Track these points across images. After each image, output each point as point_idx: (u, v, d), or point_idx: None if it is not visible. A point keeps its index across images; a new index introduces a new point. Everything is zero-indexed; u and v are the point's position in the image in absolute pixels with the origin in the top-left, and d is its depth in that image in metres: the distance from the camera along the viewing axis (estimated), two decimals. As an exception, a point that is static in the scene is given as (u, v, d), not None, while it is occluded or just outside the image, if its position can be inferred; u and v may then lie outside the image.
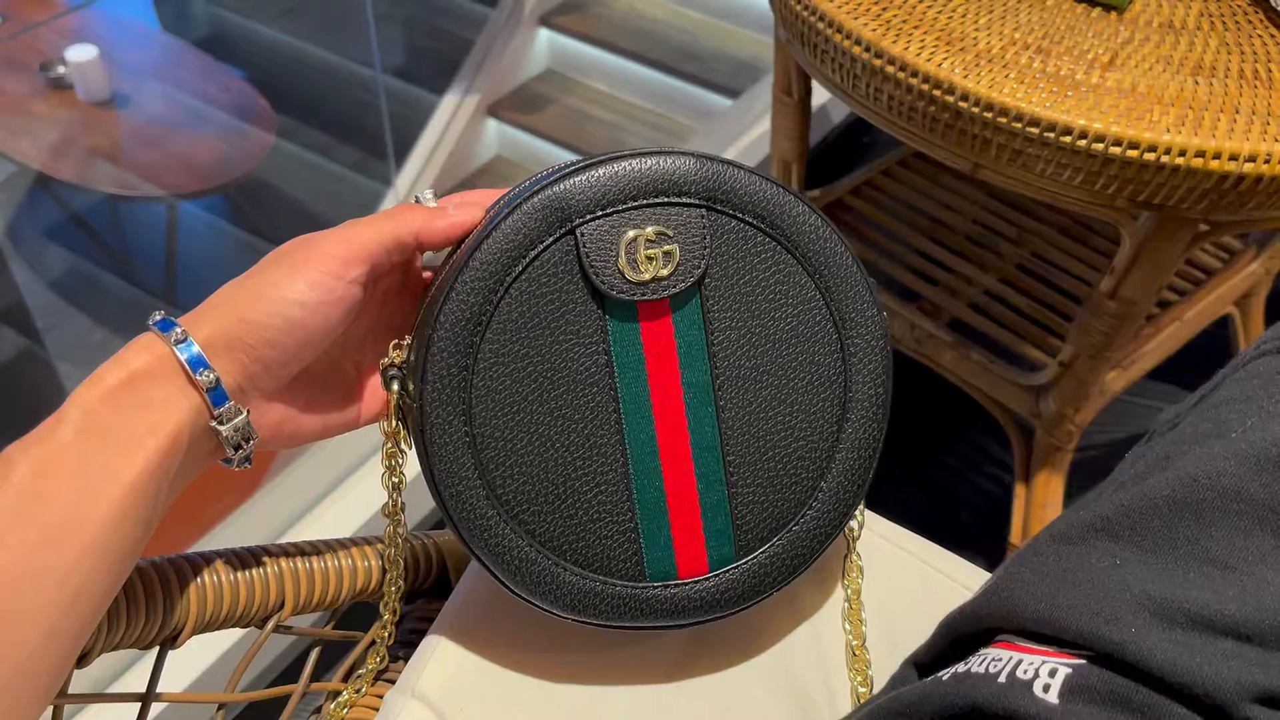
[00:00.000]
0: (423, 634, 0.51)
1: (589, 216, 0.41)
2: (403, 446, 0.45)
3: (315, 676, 0.52)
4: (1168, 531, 0.37)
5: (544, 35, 2.61)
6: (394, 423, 0.44)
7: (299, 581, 0.49)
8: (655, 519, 0.44)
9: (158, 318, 0.40)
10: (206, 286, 0.43)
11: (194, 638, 0.46)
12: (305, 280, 0.41)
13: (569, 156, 2.53)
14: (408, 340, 0.44)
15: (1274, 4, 0.76)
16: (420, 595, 0.56)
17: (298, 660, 1.10)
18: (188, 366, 0.39)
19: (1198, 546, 0.36)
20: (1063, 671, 0.36)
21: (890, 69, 0.74)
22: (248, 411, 0.41)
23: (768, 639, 0.51)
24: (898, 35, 0.74)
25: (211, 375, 0.40)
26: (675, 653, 0.50)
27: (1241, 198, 0.69)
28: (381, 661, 0.51)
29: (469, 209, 0.44)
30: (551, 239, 0.41)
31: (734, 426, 0.44)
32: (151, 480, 0.38)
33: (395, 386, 0.43)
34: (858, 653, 0.51)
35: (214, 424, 0.40)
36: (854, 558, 0.52)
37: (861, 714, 0.45)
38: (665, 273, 0.42)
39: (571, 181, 0.41)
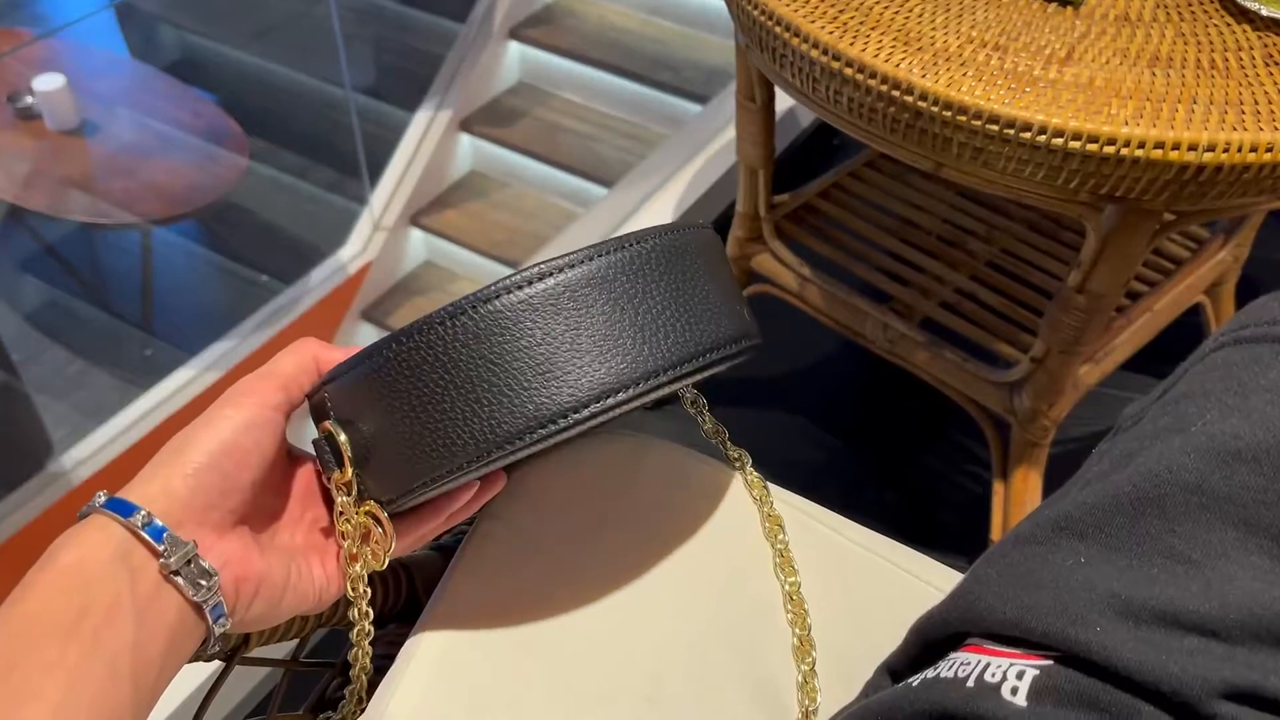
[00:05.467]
0: (392, 658, 0.50)
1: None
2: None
3: (286, 707, 0.51)
4: (1131, 528, 0.37)
5: (514, 49, 2.61)
6: (343, 494, 0.45)
7: (263, 611, 0.48)
8: None
9: (82, 510, 0.41)
10: (183, 312, 0.44)
11: (155, 674, 0.45)
12: (231, 407, 0.43)
13: (544, 169, 2.53)
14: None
15: (1241, 2, 0.76)
16: (390, 620, 0.55)
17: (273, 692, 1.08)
18: (117, 515, 0.39)
19: (1161, 543, 0.36)
20: (1030, 673, 0.36)
21: (848, 71, 0.73)
22: (193, 543, 0.41)
23: (738, 649, 0.51)
24: (855, 37, 0.74)
25: (142, 514, 0.40)
26: (646, 674, 0.50)
27: (1203, 187, 0.69)
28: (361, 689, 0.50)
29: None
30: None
31: None
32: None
33: (327, 454, 0.45)
34: (803, 641, 0.51)
35: (161, 560, 0.40)
36: (784, 550, 0.54)
37: (836, 723, 0.44)
38: None
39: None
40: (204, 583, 0.40)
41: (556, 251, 1.61)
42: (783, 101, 1.60)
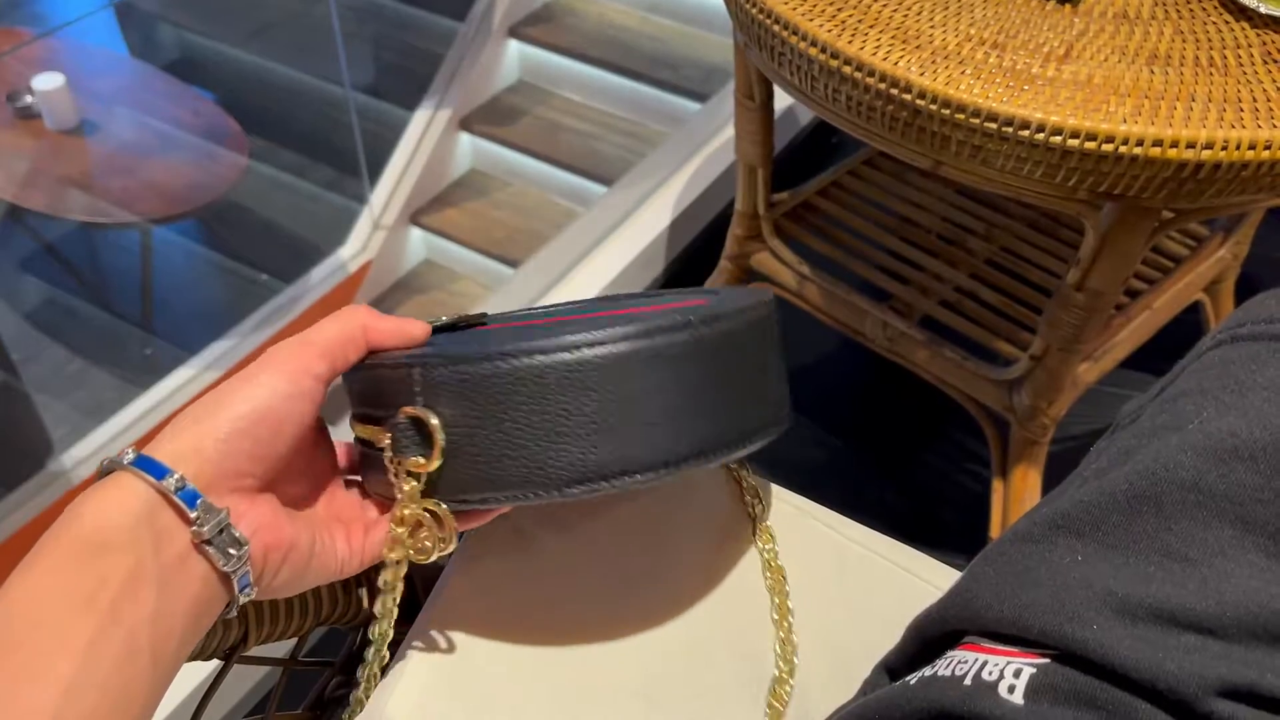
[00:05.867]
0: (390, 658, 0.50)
1: None
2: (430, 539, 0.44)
3: (284, 706, 0.51)
4: (1128, 526, 0.37)
5: (514, 47, 2.61)
6: (409, 484, 0.43)
7: (262, 610, 0.48)
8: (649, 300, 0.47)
9: (123, 456, 0.39)
10: (183, 311, 0.43)
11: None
12: (271, 373, 0.41)
13: (544, 168, 2.53)
14: (376, 434, 0.44)
15: (1244, 1, 0.76)
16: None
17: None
18: (147, 475, 0.37)
19: (1158, 540, 0.36)
20: (1027, 671, 0.36)
21: (847, 69, 0.73)
22: (227, 510, 0.39)
23: (736, 648, 0.51)
24: (853, 35, 0.74)
25: (175, 477, 0.38)
26: (644, 672, 0.50)
27: (1201, 185, 0.69)
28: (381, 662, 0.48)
29: (414, 321, 0.46)
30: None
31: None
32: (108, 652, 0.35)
33: (413, 412, 0.42)
34: (785, 638, 0.51)
35: (194, 527, 0.38)
36: (770, 546, 0.54)
37: (834, 721, 0.44)
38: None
39: None
40: (234, 552, 0.39)
41: (557, 250, 1.60)
42: (781, 100, 1.60)
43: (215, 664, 0.47)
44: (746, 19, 0.81)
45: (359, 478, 0.48)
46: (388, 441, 0.43)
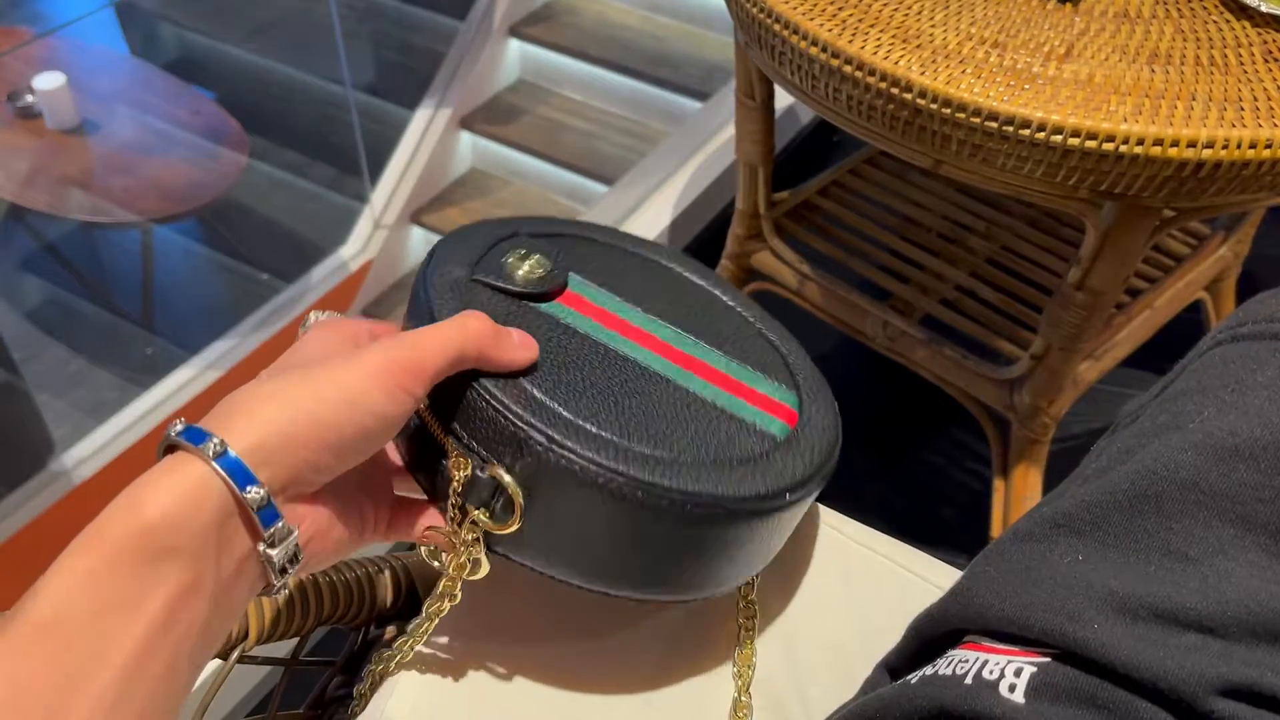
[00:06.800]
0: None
1: (472, 272, 0.48)
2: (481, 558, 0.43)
3: (285, 705, 0.51)
4: (1128, 525, 0.37)
5: (514, 46, 2.61)
6: (471, 534, 0.42)
7: (262, 610, 0.48)
8: (737, 405, 0.47)
9: (179, 427, 0.35)
10: (183, 310, 0.41)
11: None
12: (383, 392, 0.37)
13: (544, 167, 2.53)
14: (455, 455, 0.42)
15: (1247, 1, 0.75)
16: (389, 620, 0.55)
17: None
18: (231, 480, 0.34)
19: (1158, 540, 0.36)
20: (1028, 670, 0.36)
21: (848, 68, 0.73)
22: (296, 532, 0.36)
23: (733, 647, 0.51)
24: (854, 34, 0.74)
25: (261, 492, 0.34)
26: (643, 674, 0.50)
27: (1202, 184, 0.69)
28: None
29: (530, 347, 0.43)
30: (469, 294, 0.47)
31: (691, 330, 0.51)
32: (159, 649, 0.33)
33: (501, 472, 0.41)
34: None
35: (263, 547, 0.35)
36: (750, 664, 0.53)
37: (835, 719, 0.44)
38: (545, 271, 0.49)
39: (438, 264, 0.48)
40: (291, 569, 0.36)
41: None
42: (782, 99, 1.60)
43: (217, 663, 0.47)
44: (747, 18, 0.81)
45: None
46: (461, 477, 0.41)
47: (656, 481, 0.41)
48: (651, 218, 1.58)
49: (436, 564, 0.44)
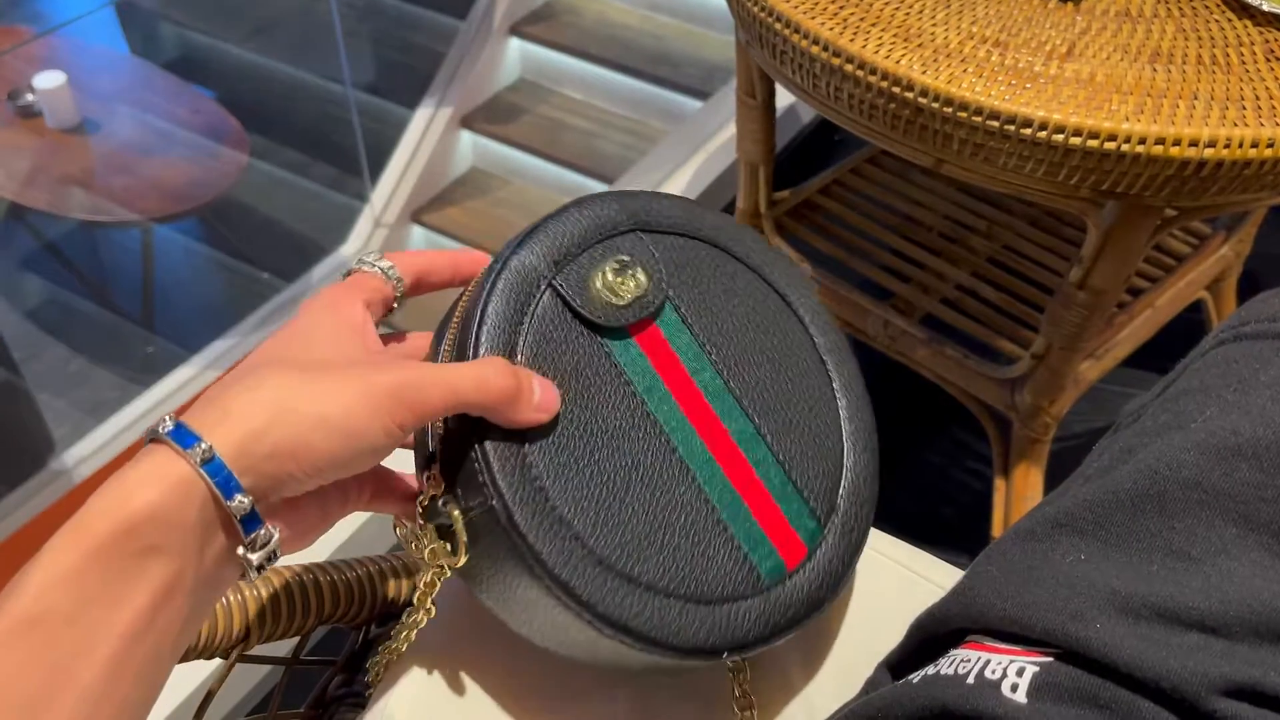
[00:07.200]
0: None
1: (556, 272, 0.43)
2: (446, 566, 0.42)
3: (286, 705, 0.51)
4: (1131, 525, 0.37)
5: (515, 45, 2.61)
6: (436, 549, 0.41)
7: (264, 609, 0.48)
8: (743, 522, 0.44)
9: (169, 425, 0.34)
10: (184, 309, 0.40)
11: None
12: (383, 428, 0.36)
13: (545, 166, 2.53)
14: (436, 470, 0.41)
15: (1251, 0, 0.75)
16: (390, 618, 0.55)
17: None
18: (217, 488, 0.34)
19: (1160, 539, 0.36)
20: (1030, 670, 0.36)
21: (849, 67, 0.73)
22: (277, 535, 0.36)
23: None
24: (855, 33, 0.74)
25: (245, 501, 0.34)
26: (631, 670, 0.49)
27: (1204, 183, 0.69)
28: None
29: (548, 410, 0.41)
30: (535, 301, 0.42)
31: (756, 407, 0.46)
32: (143, 639, 0.33)
33: (455, 511, 0.40)
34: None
35: (244, 551, 0.35)
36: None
37: (836, 719, 0.44)
38: (640, 292, 0.44)
39: (525, 251, 0.43)
40: (267, 566, 0.36)
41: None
42: (783, 98, 1.59)
43: (217, 663, 0.47)
44: (748, 17, 0.81)
45: None
46: (429, 494, 0.41)
47: (594, 604, 0.39)
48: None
49: (413, 548, 0.43)
